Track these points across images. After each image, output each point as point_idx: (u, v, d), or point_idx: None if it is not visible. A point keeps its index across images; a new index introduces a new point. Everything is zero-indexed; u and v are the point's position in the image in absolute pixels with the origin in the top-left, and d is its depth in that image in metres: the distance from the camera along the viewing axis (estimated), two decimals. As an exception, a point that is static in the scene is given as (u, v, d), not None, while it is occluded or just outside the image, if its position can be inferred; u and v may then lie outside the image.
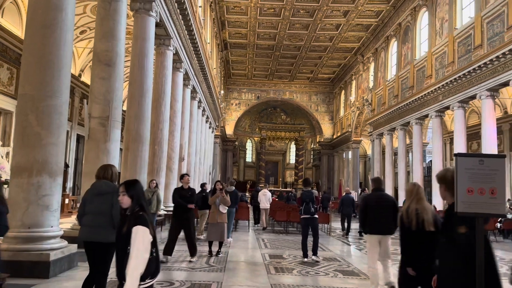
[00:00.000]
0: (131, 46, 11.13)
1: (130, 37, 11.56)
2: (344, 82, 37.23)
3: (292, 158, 46.65)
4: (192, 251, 7.78)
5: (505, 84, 14.41)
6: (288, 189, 40.96)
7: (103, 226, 4.20)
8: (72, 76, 14.56)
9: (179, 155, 15.96)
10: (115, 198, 4.29)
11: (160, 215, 12.07)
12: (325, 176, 40.82)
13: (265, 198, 14.87)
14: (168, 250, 7.64)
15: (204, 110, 24.33)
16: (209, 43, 23.36)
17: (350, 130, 34.27)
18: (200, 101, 22.03)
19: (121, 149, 9.45)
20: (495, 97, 15.52)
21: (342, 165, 38.14)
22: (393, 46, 25.57)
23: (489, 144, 15.21)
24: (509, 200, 17.01)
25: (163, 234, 11.62)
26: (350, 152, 35.17)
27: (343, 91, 38.02)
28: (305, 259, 8.29)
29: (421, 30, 21.73)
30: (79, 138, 20.74)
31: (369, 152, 34.01)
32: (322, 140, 41.44)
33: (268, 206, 14.95)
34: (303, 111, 41.93)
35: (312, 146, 44.95)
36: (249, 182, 40.18)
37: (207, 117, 26.69)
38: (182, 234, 7.88)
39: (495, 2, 14.82)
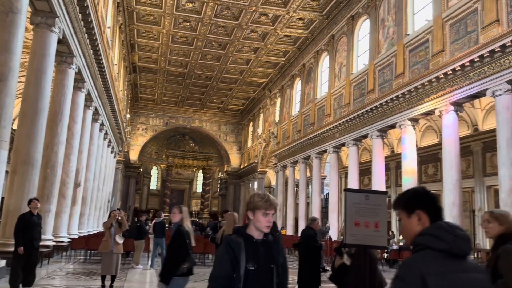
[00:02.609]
0: (28, 61, 10.30)
1: (27, 51, 10.72)
2: (253, 114, 38.40)
3: (199, 187, 46.12)
4: (31, 280, 7.15)
5: (392, 126, 16.07)
6: (194, 218, 40.29)
7: None
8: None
9: (74, 181, 14.86)
10: None
11: (48, 246, 10.97)
12: (231, 205, 41.00)
13: None
14: (17, 282, 6.91)
15: (106, 133, 23.17)
16: (116, 64, 22.58)
17: (256, 161, 35.15)
18: (102, 124, 20.94)
19: (6, 172, 8.52)
20: (384, 137, 17.22)
21: (248, 195, 38.71)
22: (298, 84, 27.20)
23: (378, 180, 16.69)
24: (392, 233, 18.64)
25: (50, 267, 10.62)
26: (256, 183, 35.95)
27: (251, 123, 39.13)
28: None
29: (322, 72, 23.48)
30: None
31: (273, 183, 35.07)
32: (229, 169, 41.81)
33: None
34: (212, 140, 42.10)
35: (219, 175, 45.05)
36: (152, 210, 38.58)
37: (110, 141, 25.41)
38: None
39: (386, 52, 16.67)
